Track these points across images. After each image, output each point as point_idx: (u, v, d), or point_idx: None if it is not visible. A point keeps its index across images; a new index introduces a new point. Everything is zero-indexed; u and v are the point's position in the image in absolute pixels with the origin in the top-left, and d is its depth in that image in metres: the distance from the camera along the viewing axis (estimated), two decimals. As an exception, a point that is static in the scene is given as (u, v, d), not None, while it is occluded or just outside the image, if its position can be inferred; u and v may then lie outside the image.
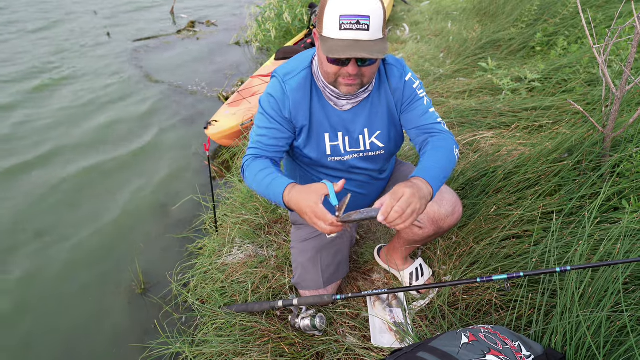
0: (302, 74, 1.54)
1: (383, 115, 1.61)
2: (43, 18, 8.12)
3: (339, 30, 1.29)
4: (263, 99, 1.59)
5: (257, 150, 1.58)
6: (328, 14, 1.30)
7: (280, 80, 1.55)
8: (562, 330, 1.48)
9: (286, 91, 1.53)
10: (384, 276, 2.17)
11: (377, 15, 1.29)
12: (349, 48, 1.28)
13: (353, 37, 1.29)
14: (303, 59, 1.58)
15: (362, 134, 1.62)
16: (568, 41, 4.02)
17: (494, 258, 1.94)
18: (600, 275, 1.57)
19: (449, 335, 1.37)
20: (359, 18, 1.26)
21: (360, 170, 1.73)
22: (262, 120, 1.59)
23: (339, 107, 1.57)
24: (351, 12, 1.26)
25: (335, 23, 1.28)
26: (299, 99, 1.54)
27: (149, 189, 3.41)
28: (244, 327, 1.91)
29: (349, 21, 1.27)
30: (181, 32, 7.41)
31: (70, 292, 2.52)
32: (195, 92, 5.16)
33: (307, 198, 1.31)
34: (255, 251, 2.40)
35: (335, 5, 1.28)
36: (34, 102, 4.90)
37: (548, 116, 3.00)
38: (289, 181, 1.42)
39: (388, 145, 1.68)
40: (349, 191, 1.77)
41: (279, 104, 1.55)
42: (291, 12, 5.87)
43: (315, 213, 1.28)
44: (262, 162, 1.55)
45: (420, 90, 1.60)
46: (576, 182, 2.15)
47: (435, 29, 5.81)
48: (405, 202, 1.21)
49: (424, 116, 1.59)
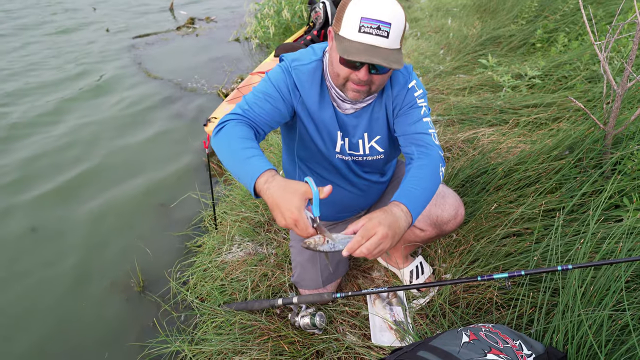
0: (312, 64, 1.48)
1: (383, 120, 1.57)
2: (41, 14, 8.09)
3: (357, 32, 1.24)
4: (273, 71, 1.51)
5: (247, 112, 1.41)
6: (349, 13, 1.25)
7: (289, 65, 1.48)
8: (563, 329, 1.48)
9: (295, 79, 1.47)
10: (384, 274, 2.16)
11: (398, 23, 1.25)
12: (365, 52, 1.24)
13: (371, 42, 1.24)
14: (314, 50, 1.52)
15: (362, 138, 1.59)
16: (568, 38, 4.00)
17: (495, 256, 1.94)
18: (603, 274, 1.56)
19: (450, 334, 1.36)
20: (381, 24, 1.22)
21: (360, 173, 1.71)
22: (265, 85, 1.48)
23: (342, 109, 1.53)
24: (373, 16, 1.21)
25: (355, 24, 1.23)
26: (307, 90, 1.48)
27: (148, 186, 3.39)
28: (244, 325, 1.90)
29: (369, 24, 1.22)
30: (180, 29, 7.38)
31: (67, 290, 2.51)
32: (194, 88, 5.14)
33: (289, 199, 1.11)
34: (255, 249, 2.39)
35: (358, 5, 1.23)
36: (26, 97, 4.89)
37: (549, 113, 2.99)
38: (269, 166, 1.20)
39: (387, 150, 1.65)
40: (346, 192, 1.76)
41: (288, 85, 1.48)
42: (290, 9, 5.84)
43: (297, 222, 1.11)
44: (245, 129, 1.34)
45: (420, 100, 1.53)
46: (577, 180, 2.14)
47: (435, 25, 5.79)
48: (374, 243, 1.14)
49: (415, 124, 1.50)
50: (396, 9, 1.24)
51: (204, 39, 6.92)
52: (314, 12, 4.93)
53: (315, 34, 4.84)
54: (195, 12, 8.26)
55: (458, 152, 2.80)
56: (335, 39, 1.32)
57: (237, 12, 8.14)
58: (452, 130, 3.07)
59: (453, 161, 2.68)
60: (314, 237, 1.16)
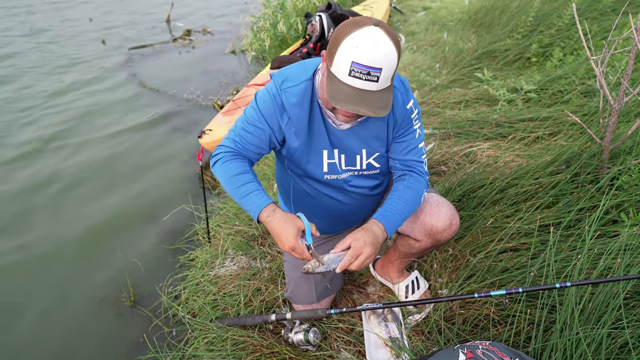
0: (301, 85, 1.47)
1: (383, 136, 1.58)
2: (39, 25, 8.10)
3: (347, 76, 1.24)
4: (260, 97, 1.52)
5: (238, 146, 1.53)
6: (341, 54, 1.23)
7: (278, 87, 1.48)
8: (561, 347, 1.45)
9: (283, 102, 1.48)
10: (380, 289, 2.12)
11: (389, 67, 1.24)
12: (353, 100, 1.24)
13: (360, 86, 1.25)
14: (305, 68, 1.51)
15: (360, 154, 1.59)
16: (564, 52, 4.03)
17: (491, 272, 1.91)
18: (601, 290, 1.53)
19: (446, 352, 1.33)
20: (371, 69, 1.21)
21: (354, 187, 1.69)
22: (253, 116, 1.52)
23: (337, 125, 1.52)
24: (364, 62, 1.20)
25: (346, 67, 1.23)
26: (296, 113, 1.48)
27: (140, 199, 3.35)
28: (236, 341, 1.86)
29: (359, 70, 1.21)
30: (177, 41, 7.39)
31: (56, 305, 2.46)
32: (190, 100, 5.12)
33: (287, 230, 1.38)
34: (249, 263, 2.35)
35: (350, 49, 1.21)
36: (21, 105, 4.86)
37: (545, 127, 2.99)
38: (269, 200, 1.44)
39: (384, 166, 1.66)
40: (342, 204, 1.74)
41: (277, 111, 1.49)
42: (286, 22, 5.87)
43: (294, 248, 1.38)
44: (240, 163, 1.50)
45: (416, 121, 1.59)
46: (574, 195, 2.13)
47: (431, 39, 5.82)
48: (362, 261, 1.40)
49: (411, 151, 1.61)
50: (388, 52, 1.22)
51: (200, 50, 6.93)
52: (311, 25, 4.96)
53: (312, 46, 4.86)
54: (191, 24, 8.29)
55: (454, 166, 2.79)
56: (327, 73, 1.31)
57: (234, 25, 8.18)
58: (448, 144, 3.07)
59: (449, 175, 2.66)
60: (310, 262, 1.41)
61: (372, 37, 1.20)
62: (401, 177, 1.62)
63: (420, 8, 8.23)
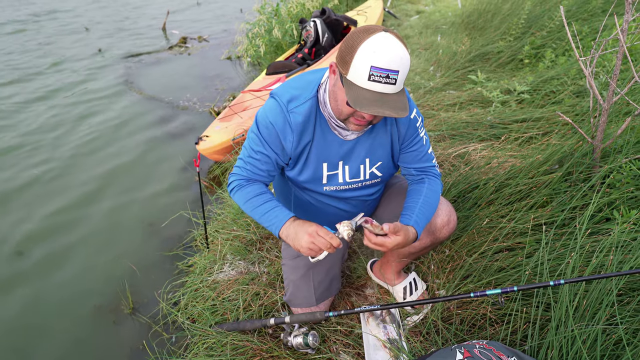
0: (307, 103, 1.49)
1: (387, 146, 1.61)
2: (34, 32, 8.12)
3: (367, 80, 1.25)
4: (262, 121, 1.53)
5: (249, 173, 1.59)
6: (359, 60, 1.24)
7: (285, 108, 1.49)
8: (557, 345, 1.46)
9: (291, 123, 1.49)
10: (378, 291, 2.14)
11: (405, 69, 1.27)
12: (376, 103, 1.25)
13: (380, 90, 1.26)
14: (308, 84, 1.52)
15: (363, 163, 1.61)
16: (555, 53, 4.07)
17: (487, 271, 1.93)
18: (594, 287, 1.55)
19: (444, 352, 1.35)
20: (390, 72, 1.23)
21: (352, 196, 1.72)
22: (257, 143, 1.54)
23: (343, 136, 1.54)
24: (384, 66, 1.22)
25: (365, 72, 1.24)
26: (303, 131, 1.50)
27: (138, 206, 3.36)
28: (235, 346, 1.87)
29: (379, 74, 1.23)
30: (173, 48, 7.42)
31: (54, 313, 2.47)
32: (186, 107, 5.15)
33: (308, 225, 1.42)
34: (247, 268, 2.37)
35: (368, 54, 1.22)
36: (21, 116, 4.87)
37: (538, 127, 3.02)
38: (290, 214, 1.49)
39: (385, 175, 1.70)
40: (343, 211, 1.77)
41: (280, 135, 1.50)
42: (281, 28, 5.90)
43: (317, 231, 1.39)
44: (256, 186, 1.58)
45: (421, 129, 1.64)
46: (567, 194, 2.15)
47: (424, 42, 5.87)
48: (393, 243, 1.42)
49: (423, 158, 1.67)
50: (404, 55, 1.25)
51: (196, 57, 6.96)
52: (305, 31, 4.99)
53: (307, 52, 4.90)
54: (187, 32, 8.32)
55: (449, 167, 2.81)
56: (343, 83, 1.31)
57: (229, 32, 8.21)
58: (443, 146, 3.09)
59: (445, 176, 2.68)
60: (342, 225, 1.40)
61: (387, 42, 1.23)
62: (420, 180, 1.68)
63: (413, 12, 8.29)
